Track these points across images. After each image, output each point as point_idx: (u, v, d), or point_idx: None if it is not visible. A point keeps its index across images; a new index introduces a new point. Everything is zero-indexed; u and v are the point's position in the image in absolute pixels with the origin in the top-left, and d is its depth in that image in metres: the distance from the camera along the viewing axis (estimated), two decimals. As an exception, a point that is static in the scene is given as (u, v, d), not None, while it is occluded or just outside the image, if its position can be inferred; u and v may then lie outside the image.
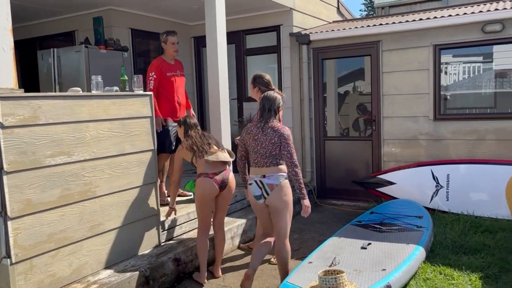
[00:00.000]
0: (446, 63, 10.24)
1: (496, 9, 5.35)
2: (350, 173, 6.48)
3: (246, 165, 3.71)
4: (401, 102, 6.02)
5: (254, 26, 6.88)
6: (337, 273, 3.07)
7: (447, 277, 3.66)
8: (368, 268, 3.50)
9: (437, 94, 5.82)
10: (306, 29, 6.83)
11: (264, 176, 3.43)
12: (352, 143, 6.56)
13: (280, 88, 6.55)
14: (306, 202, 3.43)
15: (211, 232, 4.04)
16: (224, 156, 3.85)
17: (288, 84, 6.67)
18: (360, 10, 35.74)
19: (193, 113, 5.23)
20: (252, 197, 3.52)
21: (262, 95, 3.59)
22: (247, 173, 3.70)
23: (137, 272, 3.51)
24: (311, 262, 3.68)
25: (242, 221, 4.91)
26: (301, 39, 6.47)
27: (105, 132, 3.55)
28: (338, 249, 4.00)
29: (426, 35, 5.78)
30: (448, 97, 9.61)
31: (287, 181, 3.47)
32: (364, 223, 4.82)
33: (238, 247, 4.77)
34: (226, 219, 4.98)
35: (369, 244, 4.06)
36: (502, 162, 5.25)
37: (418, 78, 5.88)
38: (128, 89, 3.88)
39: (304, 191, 3.41)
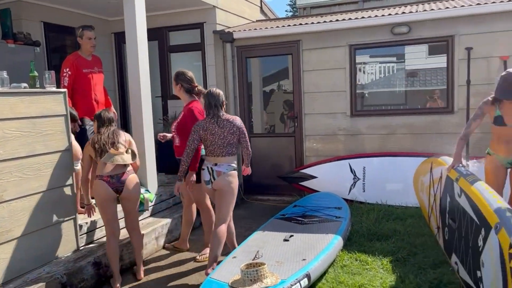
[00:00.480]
0: (364, 63, 10.80)
1: (403, 13, 5.76)
2: (276, 168, 6.65)
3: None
4: (321, 99, 6.28)
5: (178, 23, 6.79)
6: (259, 266, 3.15)
7: (362, 262, 3.90)
8: (289, 259, 3.63)
9: (353, 91, 6.15)
10: (230, 28, 6.88)
11: (215, 164, 3.81)
12: (277, 140, 6.74)
13: (205, 86, 6.54)
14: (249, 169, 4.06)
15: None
16: (122, 159, 3.69)
17: (213, 81, 6.67)
18: (286, 11, 36.62)
19: (114, 111, 5.05)
20: (203, 181, 3.92)
21: (206, 92, 3.90)
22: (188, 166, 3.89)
23: (52, 279, 3.33)
24: (235, 257, 3.74)
25: (167, 221, 4.84)
26: (225, 37, 6.51)
27: (13, 132, 3.32)
28: (262, 243, 4.09)
29: (343, 36, 6.08)
30: (366, 94, 10.17)
31: (234, 172, 3.84)
32: (288, 216, 4.98)
33: (163, 247, 4.70)
34: (150, 219, 4.89)
35: (291, 236, 4.21)
36: (411, 154, 5.69)
37: (336, 76, 6.17)
38: (39, 86, 3.66)
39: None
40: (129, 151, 3.79)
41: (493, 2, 5.36)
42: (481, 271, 2.82)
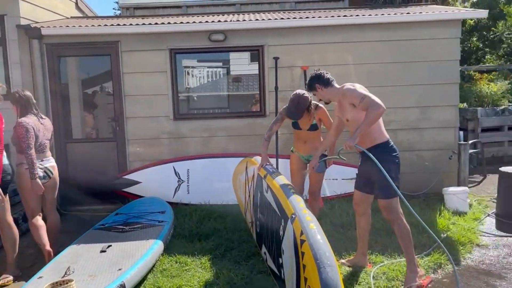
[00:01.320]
0: (193, 67, 11.02)
1: (219, 21, 6.07)
2: (97, 176, 6.24)
3: None
4: (143, 102, 6.16)
5: (-30, 13, 5.83)
6: (66, 283, 2.91)
7: (182, 264, 3.96)
8: (104, 271, 3.46)
9: (175, 95, 6.20)
10: (39, 23, 6.21)
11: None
12: (99, 145, 6.36)
13: (9, 86, 5.77)
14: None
15: None
16: None
17: (18, 81, 5.93)
18: (113, 9, 34.91)
19: None
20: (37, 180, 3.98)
21: (23, 94, 4.09)
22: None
23: None
24: (41, 277, 3.39)
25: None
26: (31, 32, 5.85)
27: None
28: (75, 257, 3.80)
29: (163, 39, 6.08)
30: (195, 98, 10.38)
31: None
32: (108, 225, 4.74)
33: None
34: None
35: (109, 246, 4.02)
36: (231, 155, 6.02)
37: (157, 79, 6.14)
38: None
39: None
40: None
41: (294, 18, 6.07)
42: (282, 258, 3.15)
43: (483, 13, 6.20)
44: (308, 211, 2.97)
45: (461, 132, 7.04)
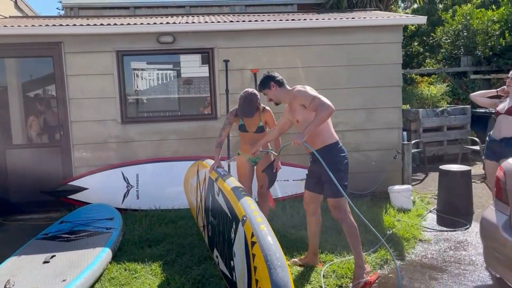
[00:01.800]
0: (142, 69, 10.77)
1: (168, 23, 5.97)
2: (40, 182, 5.92)
3: None
4: (89, 106, 5.95)
5: None
6: (4, 298, 2.74)
7: (131, 271, 3.84)
8: (47, 283, 3.30)
9: (123, 98, 6.03)
10: (-28, 21, 5.84)
11: None
12: (42, 151, 6.06)
13: None
14: None
15: None
16: None
17: (-50, 84, 5.53)
18: (57, 8, 33.50)
19: None
20: None
21: None
22: None
23: None
24: (-24, 293, 3.17)
25: None
26: (-36, 32, 5.48)
27: None
28: (16, 270, 3.60)
29: (109, 41, 5.90)
30: (145, 100, 10.15)
31: None
32: (52, 235, 4.53)
33: None
34: None
35: (53, 256, 3.84)
36: (182, 159, 5.94)
37: (104, 82, 5.94)
38: None
39: None
40: None
41: (244, 21, 6.10)
42: (234, 260, 3.14)
43: (422, 19, 6.53)
44: (259, 213, 2.98)
45: (405, 133, 7.38)
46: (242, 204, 3.13)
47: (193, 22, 6.04)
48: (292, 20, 6.27)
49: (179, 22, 6.05)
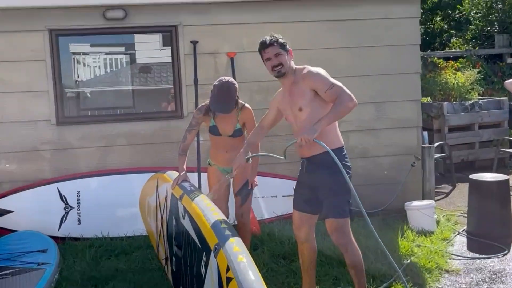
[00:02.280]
0: (84, 54, 10.67)
1: (117, -8, 5.96)
2: None
3: None
4: (13, 102, 5.91)
5: None
6: None
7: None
8: None
9: (59, 92, 6.00)
10: None
11: None
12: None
13: None
14: None
15: None
16: None
17: None
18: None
19: None
20: None
21: None
22: None
23: None
24: None
25: None
26: None
27: None
28: None
29: (40, 17, 5.85)
30: (89, 94, 10.06)
31: None
32: (-36, 273, 4.46)
33: None
34: None
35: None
36: (138, 170, 5.92)
37: (33, 71, 5.91)
38: None
39: None
40: None
41: (217, -10, 6.12)
42: (205, 303, 3.13)
43: (445, -12, 6.66)
44: (237, 239, 2.98)
45: (425, 133, 7.49)
46: (214, 229, 3.12)
47: (151, -8, 6.04)
48: (279, -11, 6.32)
49: (132, -8, 6.04)
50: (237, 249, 2.85)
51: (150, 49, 9.97)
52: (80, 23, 5.96)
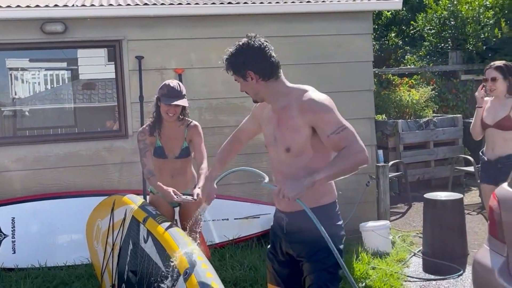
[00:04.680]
0: (23, 69, 10.43)
1: (56, 5, 5.87)
2: None
3: None
4: None
5: None
6: None
7: None
8: None
9: (-7, 110, 5.85)
10: None
11: None
12: None
13: None
14: None
15: None
16: None
17: None
18: None
19: None
20: None
21: None
22: None
23: None
24: None
25: None
26: None
27: None
28: None
29: (-29, 29, 5.73)
30: (27, 112, 9.83)
31: None
32: None
33: None
34: None
35: None
36: (76, 194, 5.82)
37: (-37, 88, 5.74)
38: None
39: None
40: None
41: (163, 4, 6.13)
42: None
43: (397, 4, 6.87)
44: (209, 265, 3.01)
45: (380, 151, 7.64)
46: (185, 254, 3.09)
47: (92, 5, 5.99)
48: (229, 3, 6.38)
49: (72, 5, 5.97)
50: (210, 275, 2.88)
51: (94, 65, 9.85)
52: (17, 37, 5.87)
